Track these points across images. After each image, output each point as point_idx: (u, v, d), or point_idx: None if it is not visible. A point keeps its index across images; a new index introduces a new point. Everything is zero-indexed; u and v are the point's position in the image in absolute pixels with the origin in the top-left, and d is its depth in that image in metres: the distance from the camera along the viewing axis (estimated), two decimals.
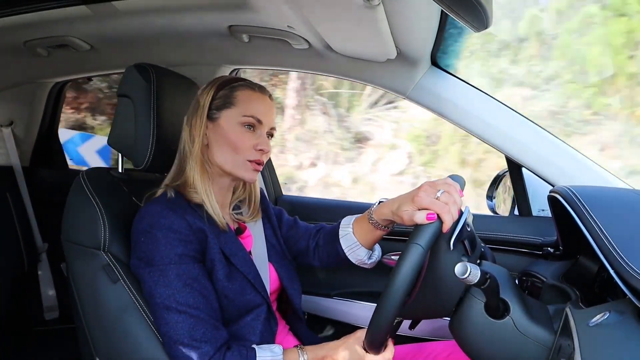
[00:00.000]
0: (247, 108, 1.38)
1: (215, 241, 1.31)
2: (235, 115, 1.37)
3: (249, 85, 1.43)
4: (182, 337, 1.19)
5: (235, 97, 1.39)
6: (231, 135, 1.36)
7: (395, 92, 1.81)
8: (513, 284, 1.17)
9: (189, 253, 1.25)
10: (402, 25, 1.35)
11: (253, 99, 1.40)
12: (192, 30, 1.69)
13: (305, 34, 1.58)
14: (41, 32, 1.76)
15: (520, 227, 1.84)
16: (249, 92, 1.41)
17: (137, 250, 1.27)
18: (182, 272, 1.23)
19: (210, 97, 1.39)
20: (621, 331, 0.87)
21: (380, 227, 1.43)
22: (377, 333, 1.12)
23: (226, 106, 1.38)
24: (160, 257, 1.22)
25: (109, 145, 1.50)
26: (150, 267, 1.23)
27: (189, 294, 1.22)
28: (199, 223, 1.30)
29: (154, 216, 1.26)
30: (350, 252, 1.51)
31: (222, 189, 1.45)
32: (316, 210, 2.23)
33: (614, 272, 0.90)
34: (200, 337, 1.20)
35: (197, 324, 1.21)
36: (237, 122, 1.37)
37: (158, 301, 1.22)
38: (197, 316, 1.21)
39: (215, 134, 1.38)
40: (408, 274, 1.04)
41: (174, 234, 1.24)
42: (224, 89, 1.40)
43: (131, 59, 1.58)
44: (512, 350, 1.10)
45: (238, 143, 1.36)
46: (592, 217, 1.02)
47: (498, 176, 1.99)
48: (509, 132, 1.69)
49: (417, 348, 1.52)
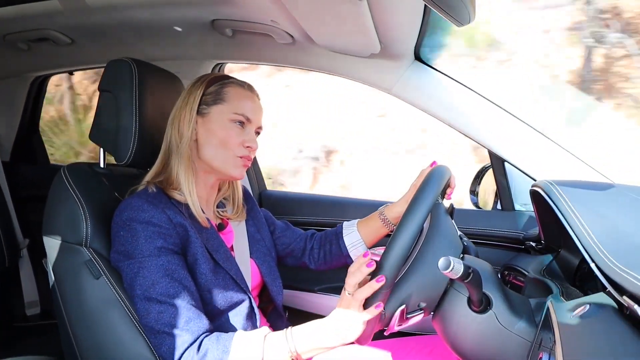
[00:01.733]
0: (237, 105, 1.38)
1: (197, 236, 1.31)
2: (225, 111, 1.37)
3: (239, 83, 1.44)
4: (163, 327, 1.19)
5: (226, 94, 1.39)
6: (221, 131, 1.37)
7: (380, 87, 1.81)
8: (496, 278, 1.18)
9: (169, 246, 1.25)
10: (386, 20, 1.35)
11: (243, 97, 1.41)
12: (175, 25, 1.68)
13: (289, 29, 1.57)
14: (21, 25, 1.74)
15: (503, 221, 1.86)
16: (239, 90, 1.42)
17: (117, 244, 1.26)
18: (162, 264, 1.22)
19: (200, 93, 1.39)
20: (601, 323, 0.88)
21: (391, 224, 1.50)
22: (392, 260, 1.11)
23: (217, 102, 1.38)
24: (140, 250, 1.22)
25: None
26: (130, 260, 1.23)
27: (169, 284, 1.21)
28: (179, 218, 1.30)
29: (134, 210, 1.26)
30: (353, 249, 1.57)
31: (207, 186, 1.45)
32: (299, 205, 2.23)
33: (594, 265, 0.91)
34: (182, 325, 1.19)
35: (178, 314, 1.20)
36: (227, 119, 1.37)
37: (138, 292, 1.21)
38: (178, 306, 1.21)
39: (205, 130, 1.38)
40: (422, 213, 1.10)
41: (153, 227, 1.24)
42: (214, 85, 1.40)
43: (113, 53, 1.57)
44: (495, 343, 1.11)
45: (227, 139, 1.37)
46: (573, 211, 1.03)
47: (481, 171, 2.00)
48: (491, 127, 1.70)
49: (400, 343, 1.52)
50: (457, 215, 1.92)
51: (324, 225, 2.12)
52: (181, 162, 1.36)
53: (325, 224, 2.12)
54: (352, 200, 2.24)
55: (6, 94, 2.53)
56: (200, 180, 1.42)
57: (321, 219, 2.14)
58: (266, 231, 1.64)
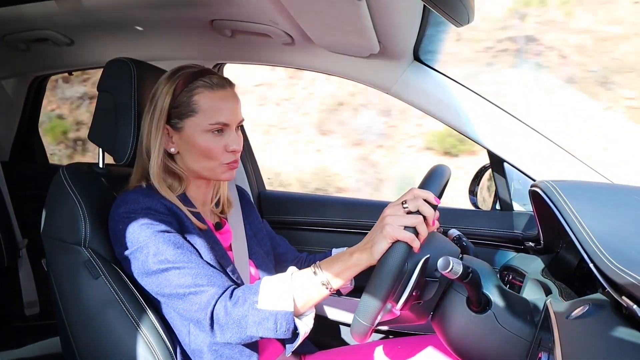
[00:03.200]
0: (211, 115, 1.31)
1: (194, 227, 1.32)
2: (200, 123, 1.31)
3: (207, 84, 1.33)
4: (188, 288, 1.19)
5: (195, 104, 1.31)
6: (201, 143, 1.32)
7: (379, 88, 1.81)
8: (495, 278, 1.18)
9: (170, 230, 1.25)
10: (385, 20, 1.35)
11: (215, 102, 1.32)
12: (173, 25, 1.68)
13: (288, 29, 1.57)
14: (20, 26, 1.74)
15: (502, 221, 1.86)
16: (209, 95, 1.32)
17: (118, 238, 1.26)
18: (168, 239, 1.23)
19: (167, 104, 1.32)
20: (600, 324, 0.88)
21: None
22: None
23: (189, 115, 1.32)
24: (144, 236, 1.22)
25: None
26: (135, 247, 1.23)
27: (181, 253, 1.22)
28: (175, 208, 1.31)
29: (130, 203, 1.26)
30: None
31: (201, 187, 1.44)
32: (299, 205, 2.23)
33: (593, 265, 0.91)
34: (206, 282, 1.20)
35: (199, 273, 1.21)
36: (203, 130, 1.31)
37: (154, 269, 1.21)
38: (196, 266, 1.22)
39: (184, 143, 1.34)
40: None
41: (153, 214, 1.25)
42: (181, 94, 1.32)
43: (112, 53, 1.57)
44: (494, 343, 1.11)
45: (209, 150, 1.32)
46: (572, 211, 1.03)
47: (480, 171, 2.00)
48: (490, 127, 1.70)
49: (399, 342, 1.52)
50: (457, 215, 1.93)
51: (323, 225, 2.12)
52: (156, 180, 1.33)
53: (324, 224, 2.12)
54: (352, 200, 2.25)
55: (5, 94, 2.53)
56: (192, 185, 1.42)
57: (320, 219, 2.14)
58: (264, 237, 1.64)
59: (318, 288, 1.18)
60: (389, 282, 1.05)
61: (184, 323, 1.32)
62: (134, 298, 1.31)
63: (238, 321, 1.17)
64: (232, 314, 1.17)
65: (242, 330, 1.17)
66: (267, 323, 1.15)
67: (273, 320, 1.15)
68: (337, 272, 1.17)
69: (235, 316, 1.17)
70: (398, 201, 1.14)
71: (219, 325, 1.18)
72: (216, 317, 1.18)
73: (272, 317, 1.15)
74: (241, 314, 1.17)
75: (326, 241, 2.11)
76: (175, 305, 1.22)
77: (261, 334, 1.16)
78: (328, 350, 1.60)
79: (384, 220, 1.11)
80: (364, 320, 1.07)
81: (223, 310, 1.18)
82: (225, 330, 1.18)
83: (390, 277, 1.05)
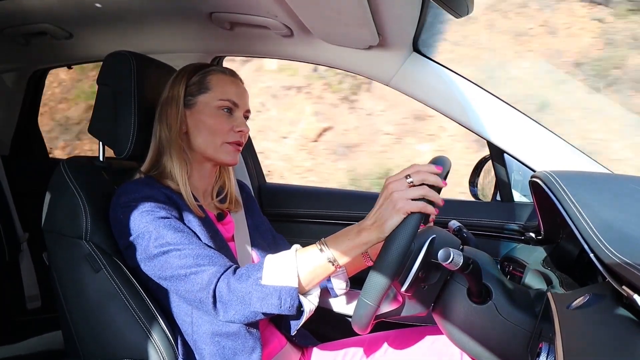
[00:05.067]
0: (222, 92, 1.40)
1: (194, 216, 1.33)
2: (211, 99, 1.39)
3: (221, 70, 1.45)
4: (188, 268, 1.19)
5: (209, 82, 1.41)
6: (209, 119, 1.38)
7: (378, 79, 1.81)
8: (495, 269, 1.18)
9: (171, 217, 1.26)
10: (384, 12, 1.34)
11: (227, 83, 1.42)
12: (173, 18, 1.67)
13: (287, 21, 1.57)
14: (19, 19, 1.74)
15: (502, 212, 1.86)
16: (222, 76, 1.43)
17: (119, 227, 1.28)
18: (169, 224, 1.24)
19: (184, 86, 1.40)
20: (601, 314, 0.88)
21: (371, 260, 1.45)
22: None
23: (202, 91, 1.40)
24: (145, 223, 1.23)
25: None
26: (137, 235, 1.24)
27: (181, 235, 1.23)
28: (175, 197, 1.33)
29: (130, 192, 1.28)
30: (334, 277, 1.53)
31: (204, 176, 1.46)
32: (299, 198, 2.23)
33: (593, 255, 0.91)
34: (207, 262, 1.20)
35: (199, 254, 1.21)
36: (214, 106, 1.39)
37: (155, 252, 1.22)
38: (197, 247, 1.23)
39: (194, 120, 1.40)
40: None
41: (153, 201, 1.26)
42: (197, 75, 1.42)
43: (111, 46, 1.56)
44: (495, 334, 1.12)
45: (217, 126, 1.38)
46: (573, 202, 1.03)
47: (480, 162, 2.00)
48: (490, 118, 1.70)
49: (399, 334, 1.53)
50: (457, 206, 1.93)
51: (323, 217, 2.13)
52: (173, 155, 1.37)
53: (324, 217, 2.13)
54: (352, 193, 2.25)
55: (5, 88, 2.53)
56: (195, 170, 1.43)
57: (321, 211, 2.14)
58: (266, 230, 1.64)
59: (324, 264, 1.18)
60: (399, 256, 1.05)
61: (187, 314, 1.32)
62: (135, 291, 1.31)
63: (242, 297, 1.17)
64: (235, 290, 1.17)
65: (246, 307, 1.17)
66: (271, 299, 1.15)
67: (277, 296, 1.15)
68: (344, 250, 1.16)
69: (239, 292, 1.17)
70: (399, 176, 1.11)
71: (222, 302, 1.19)
72: (219, 295, 1.18)
73: (276, 293, 1.15)
74: (245, 290, 1.17)
75: (327, 233, 2.10)
76: (177, 287, 1.22)
77: (265, 309, 1.16)
78: (329, 342, 1.60)
79: (391, 196, 1.09)
80: (370, 300, 1.07)
81: (226, 287, 1.18)
82: (228, 308, 1.18)
83: (402, 249, 1.05)
